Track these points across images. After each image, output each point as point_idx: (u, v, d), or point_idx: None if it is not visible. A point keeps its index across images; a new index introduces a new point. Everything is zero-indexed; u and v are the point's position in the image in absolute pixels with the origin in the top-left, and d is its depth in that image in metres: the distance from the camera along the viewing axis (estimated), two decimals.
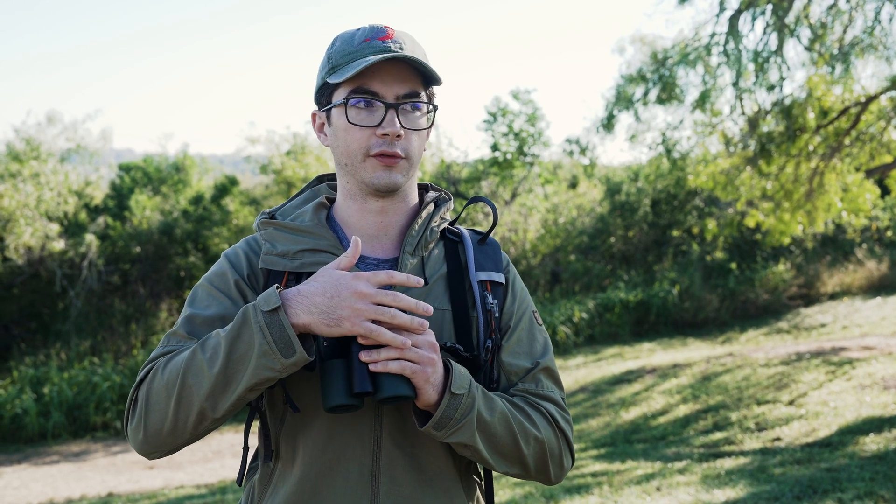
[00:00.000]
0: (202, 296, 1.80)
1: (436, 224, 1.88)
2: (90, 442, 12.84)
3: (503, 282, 1.89)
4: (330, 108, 1.79)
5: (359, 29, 1.79)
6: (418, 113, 1.78)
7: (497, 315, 1.83)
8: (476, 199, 1.96)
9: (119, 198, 21.78)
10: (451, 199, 1.97)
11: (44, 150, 19.41)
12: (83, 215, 20.32)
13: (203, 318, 1.75)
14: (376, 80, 1.73)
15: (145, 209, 20.48)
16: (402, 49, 1.74)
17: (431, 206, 1.91)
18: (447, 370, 1.66)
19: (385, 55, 1.69)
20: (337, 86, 1.77)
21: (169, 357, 1.68)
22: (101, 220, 20.47)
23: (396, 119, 1.73)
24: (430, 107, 1.82)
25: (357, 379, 1.57)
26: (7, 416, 13.17)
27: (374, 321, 1.56)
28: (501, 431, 1.71)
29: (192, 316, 1.76)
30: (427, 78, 1.79)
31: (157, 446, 1.68)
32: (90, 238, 18.74)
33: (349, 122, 1.74)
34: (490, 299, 1.83)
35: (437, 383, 1.62)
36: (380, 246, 1.84)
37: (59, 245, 18.16)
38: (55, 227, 18.30)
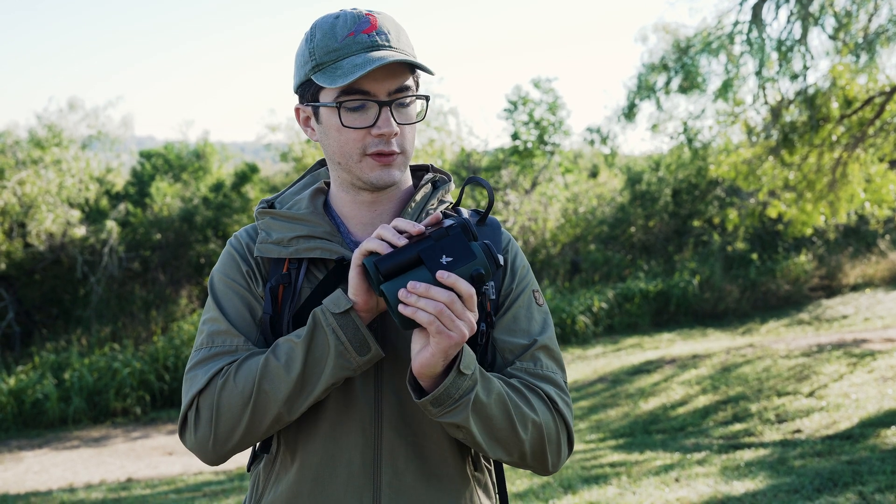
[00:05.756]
0: (223, 290, 1.79)
1: (432, 206, 1.83)
2: (110, 427, 12.93)
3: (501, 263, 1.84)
4: (318, 106, 1.73)
5: (338, 16, 1.70)
6: (411, 107, 1.73)
7: (493, 297, 1.74)
8: (470, 180, 1.88)
9: (140, 185, 21.88)
10: (450, 181, 1.90)
11: (65, 136, 19.49)
12: (104, 202, 20.42)
13: (234, 314, 1.76)
14: (367, 78, 1.66)
15: (166, 196, 20.57)
16: (388, 40, 1.68)
17: (428, 188, 1.86)
18: None
19: (381, 63, 1.62)
20: (323, 84, 1.69)
21: (238, 363, 1.67)
22: (121, 206, 20.57)
23: (391, 117, 1.68)
24: (422, 98, 1.75)
25: (376, 283, 1.56)
26: (28, 401, 13.27)
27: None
28: (497, 414, 1.65)
29: (226, 313, 1.76)
30: (413, 64, 1.71)
31: (224, 454, 1.71)
32: (111, 225, 18.83)
33: (343, 125, 1.69)
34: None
35: (450, 357, 1.55)
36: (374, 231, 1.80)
37: (80, 231, 18.27)
38: (76, 214, 18.41)
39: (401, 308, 1.51)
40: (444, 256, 1.54)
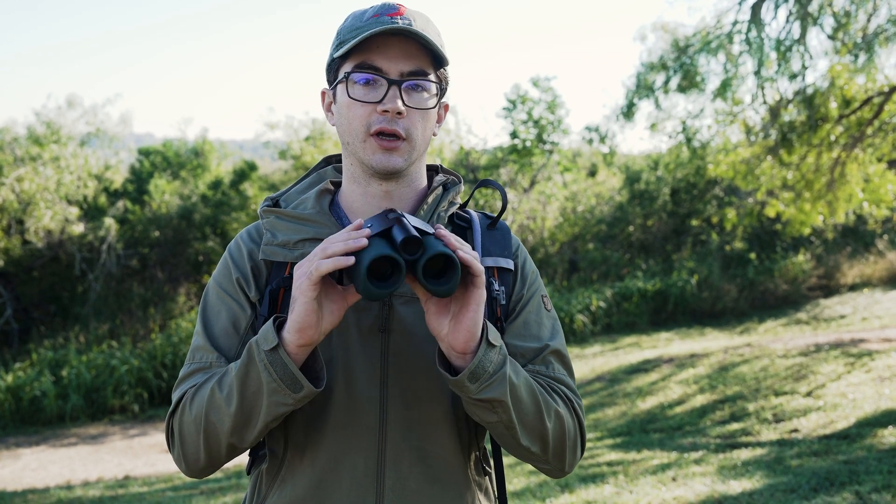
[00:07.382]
0: (213, 301, 1.78)
1: (443, 209, 1.81)
2: (108, 425, 12.93)
3: (511, 268, 1.81)
4: (336, 85, 1.75)
5: (372, 6, 1.72)
6: (425, 94, 1.72)
7: (503, 302, 1.76)
8: (484, 183, 1.88)
9: (138, 182, 21.86)
10: (461, 183, 1.89)
11: (64, 133, 19.48)
12: (103, 199, 20.41)
13: (218, 328, 1.75)
14: (381, 55, 1.68)
15: (164, 194, 20.56)
16: (410, 24, 1.67)
17: (440, 190, 1.84)
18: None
19: (385, 27, 1.64)
20: (343, 62, 1.72)
21: (195, 389, 1.67)
22: (120, 204, 20.57)
23: (399, 96, 1.67)
24: (439, 88, 1.75)
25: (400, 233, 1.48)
26: (26, 398, 13.27)
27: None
28: (526, 397, 1.63)
29: (209, 326, 1.76)
30: (436, 58, 1.72)
31: (201, 472, 1.73)
32: (109, 222, 18.83)
33: (350, 97, 1.70)
34: (496, 286, 1.75)
35: (478, 322, 1.53)
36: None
37: (78, 229, 18.26)
38: (75, 211, 18.41)
39: (460, 254, 1.48)
40: (406, 231, 1.49)
